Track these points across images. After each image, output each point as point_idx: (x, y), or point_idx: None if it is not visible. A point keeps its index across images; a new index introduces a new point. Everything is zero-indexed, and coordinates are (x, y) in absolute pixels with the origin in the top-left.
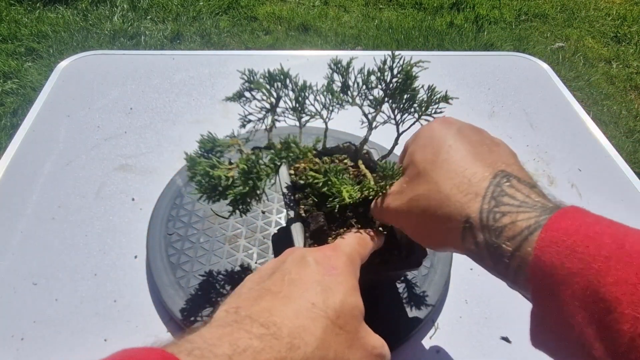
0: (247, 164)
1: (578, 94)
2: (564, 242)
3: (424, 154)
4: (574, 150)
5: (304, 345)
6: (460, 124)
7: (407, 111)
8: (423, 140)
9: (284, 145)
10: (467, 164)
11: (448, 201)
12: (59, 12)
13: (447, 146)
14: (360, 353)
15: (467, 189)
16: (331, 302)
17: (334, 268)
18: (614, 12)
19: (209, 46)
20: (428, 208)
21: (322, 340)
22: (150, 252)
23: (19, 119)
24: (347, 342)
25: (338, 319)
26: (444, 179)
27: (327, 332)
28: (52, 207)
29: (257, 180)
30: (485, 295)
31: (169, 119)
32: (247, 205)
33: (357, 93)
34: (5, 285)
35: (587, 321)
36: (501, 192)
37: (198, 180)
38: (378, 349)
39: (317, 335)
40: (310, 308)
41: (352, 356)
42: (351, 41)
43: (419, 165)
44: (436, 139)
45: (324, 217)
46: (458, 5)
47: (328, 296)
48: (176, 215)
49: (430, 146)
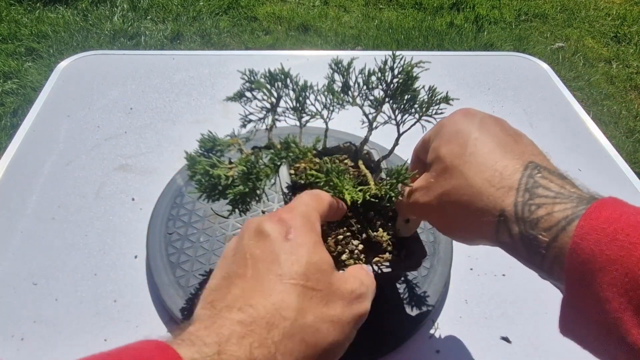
0: (247, 165)
1: (578, 94)
2: (604, 230)
3: (450, 148)
4: (574, 150)
5: (282, 321)
6: (482, 115)
7: (408, 112)
8: (447, 134)
9: (283, 145)
10: (497, 157)
11: (481, 195)
12: (59, 12)
13: (474, 139)
14: (339, 305)
15: (499, 183)
16: (296, 267)
17: (291, 231)
18: (614, 12)
19: (209, 46)
20: (460, 203)
21: (299, 310)
22: (150, 252)
23: (19, 119)
24: (323, 300)
25: (308, 281)
26: (475, 173)
27: (301, 299)
28: (52, 207)
29: (256, 181)
30: (485, 295)
31: (169, 119)
32: (247, 205)
33: (358, 93)
34: (5, 285)
35: (624, 307)
36: (534, 183)
37: (198, 179)
38: (357, 291)
39: (292, 307)
40: (279, 280)
41: (333, 311)
42: (351, 41)
43: (446, 159)
44: (461, 132)
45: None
46: (458, 5)
47: (292, 262)
48: (176, 215)
49: (456, 140)
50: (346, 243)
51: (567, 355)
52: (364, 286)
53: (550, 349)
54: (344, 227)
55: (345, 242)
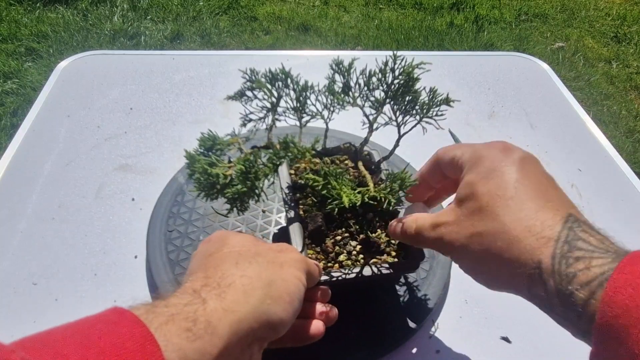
0: (245, 164)
1: (578, 94)
2: (639, 284)
3: (487, 187)
4: (574, 150)
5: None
6: (521, 153)
7: (409, 113)
8: (485, 171)
9: (282, 144)
10: (538, 205)
11: (518, 244)
12: (59, 12)
13: (515, 181)
14: (270, 252)
15: (539, 232)
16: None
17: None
18: (614, 12)
19: (209, 46)
20: (493, 248)
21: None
22: (150, 251)
23: (19, 119)
24: (254, 252)
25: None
26: (513, 220)
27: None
28: (52, 207)
29: (255, 180)
30: (485, 295)
31: (169, 119)
32: (245, 204)
33: (359, 94)
34: (5, 285)
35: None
36: (575, 236)
37: (197, 177)
38: (281, 246)
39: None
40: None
41: (265, 256)
42: (351, 41)
43: (482, 199)
44: (500, 171)
45: (322, 217)
46: (458, 5)
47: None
48: (177, 213)
49: (495, 179)
50: (344, 244)
51: (567, 355)
52: (284, 245)
53: (550, 349)
54: (343, 228)
55: (343, 243)
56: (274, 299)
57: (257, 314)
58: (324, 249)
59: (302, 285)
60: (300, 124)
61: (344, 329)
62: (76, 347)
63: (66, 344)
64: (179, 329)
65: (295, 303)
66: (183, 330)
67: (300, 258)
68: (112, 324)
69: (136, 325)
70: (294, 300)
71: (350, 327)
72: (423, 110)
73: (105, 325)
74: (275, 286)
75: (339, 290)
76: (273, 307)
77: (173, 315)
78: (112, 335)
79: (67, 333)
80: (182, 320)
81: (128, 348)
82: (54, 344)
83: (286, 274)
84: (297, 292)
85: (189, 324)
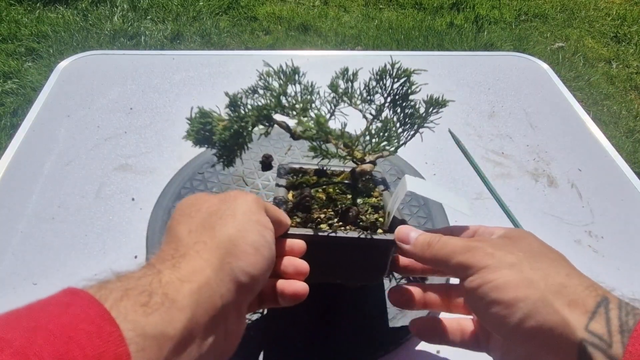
0: (237, 115)
1: (578, 94)
2: None
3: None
4: (574, 150)
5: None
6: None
7: (407, 123)
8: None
9: (283, 84)
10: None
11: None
12: (59, 12)
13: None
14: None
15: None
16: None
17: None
18: (614, 12)
19: (209, 46)
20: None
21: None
22: (149, 249)
23: (19, 119)
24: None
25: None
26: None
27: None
28: (52, 207)
29: (244, 128)
30: None
31: (169, 119)
32: (232, 155)
33: (360, 102)
34: (5, 285)
35: None
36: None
37: (193, 126)
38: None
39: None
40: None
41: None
42: (351, 41)
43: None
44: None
45: (310, 190)
46: (458, 5)
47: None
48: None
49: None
50: (328, 219)
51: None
52: (233, 192)
53: None
54: (330, 208)
55: (327, 218)
56: (236, 255)
57: (219, 277)
58: (309, 218)
59: (265, 229)
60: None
61: (344, 328)
62: (22, 331)
63: (10, 328)
64: (135, 304)
65: (263, 251)
66: (139, 306)
67: (253, 198)
68: (64, 306)
69: (91, 304)
70: (259, 249)
71: (350, 327)
72: (421, 121)
73: (56, 308)
74: (233, 241)
75: (314, 252)
76: (237, 263)
77: (127, 290)
78: (64, 317)
79: (11, 317)
80: (138, 295)
81: (82, 329)
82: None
83: (242, 222)
84: (261, 239)
85: (144, 298)
